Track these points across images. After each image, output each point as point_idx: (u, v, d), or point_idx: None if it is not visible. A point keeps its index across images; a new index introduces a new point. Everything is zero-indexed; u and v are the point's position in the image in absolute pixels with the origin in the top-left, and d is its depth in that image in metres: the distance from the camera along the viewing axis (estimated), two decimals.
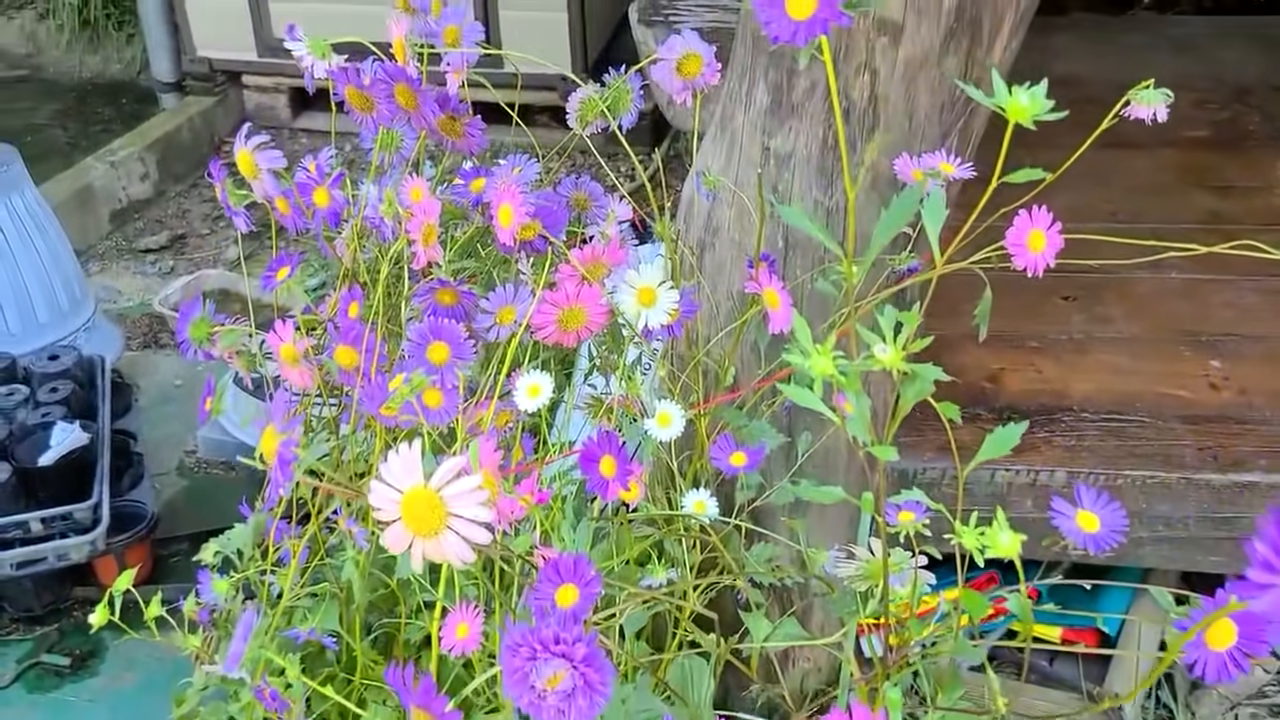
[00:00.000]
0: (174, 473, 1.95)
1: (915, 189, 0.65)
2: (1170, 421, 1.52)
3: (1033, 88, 0.58)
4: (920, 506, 0.79)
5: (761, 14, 0.58)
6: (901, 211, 0.65)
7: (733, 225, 1.29)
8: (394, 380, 0.77)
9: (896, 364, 0.67)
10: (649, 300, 1.00)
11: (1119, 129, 2.12)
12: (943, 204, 0.67)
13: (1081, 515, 0.71)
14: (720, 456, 0.95)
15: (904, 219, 0.65)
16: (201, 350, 1.12)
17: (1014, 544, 0.63)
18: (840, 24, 0.57)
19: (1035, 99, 0.57)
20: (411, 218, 0.96)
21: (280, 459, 0.66)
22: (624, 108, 1.09)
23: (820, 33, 0.57)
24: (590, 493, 0.84)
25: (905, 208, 0.65)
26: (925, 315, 0.76)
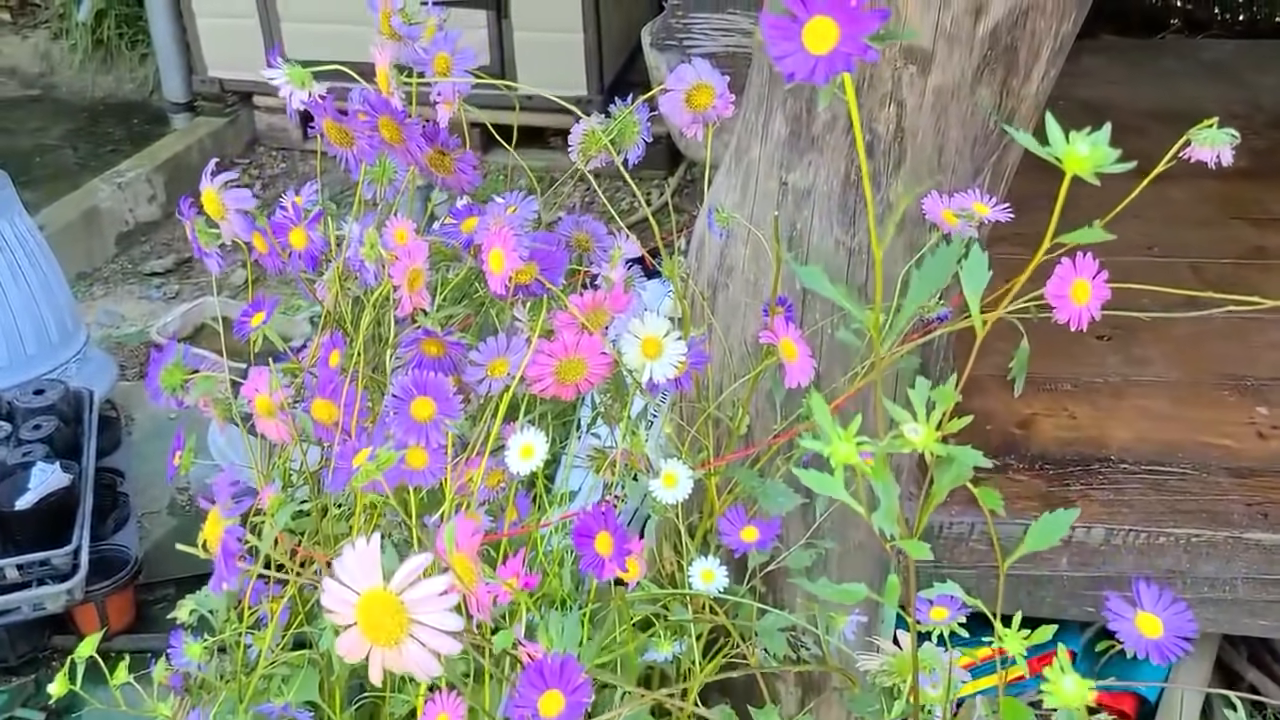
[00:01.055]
0: (164, 511, 1.87)
1: (954, 246, 0.56)
2: (1215, 474, 1.42)
3: (1094, 133, 0.49)
4: (955, 601, 0.70)
5: (774, 49, 0.50)
6: (938, 270, 0.56)
7: (748, 265, 1.21)
8: (358, 456, 0.69)
9: (930, 446, 0.58)
10: (654, 352, 0.92)
11: (1153, 157, 1.99)
12: (984, 264, 0.58)
13: (1142, 617, 0.62)
14: (730, 531, 0.86)
15: (941, 279, 0.57)
16: (174, 399, 1.04)
17: (1081, 692, 0.54)
18: (866, 59, 0.48)
19: (1097, 149, 0.48)
20: (396, 261, 0.88)
21: (224, 550, 0.57)
22: (630, 140, 1.00)
23: (843, 69, 0.48)
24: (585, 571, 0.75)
25: (942, 267, 0.56)
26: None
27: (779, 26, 0.50)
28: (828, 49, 0.49)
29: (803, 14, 0.49)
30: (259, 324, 0.94)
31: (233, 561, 0.58)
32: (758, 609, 1.06)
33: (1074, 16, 1.07)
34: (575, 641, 0.72)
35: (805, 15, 0.49)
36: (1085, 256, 0.92)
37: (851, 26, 0.48)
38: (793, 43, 0.49)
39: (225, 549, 0.58)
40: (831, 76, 0.48)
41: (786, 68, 0.49)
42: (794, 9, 0.49)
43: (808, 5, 0.49)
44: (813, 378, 0.99)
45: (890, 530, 0.59)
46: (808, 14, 0.49)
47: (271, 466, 1.10)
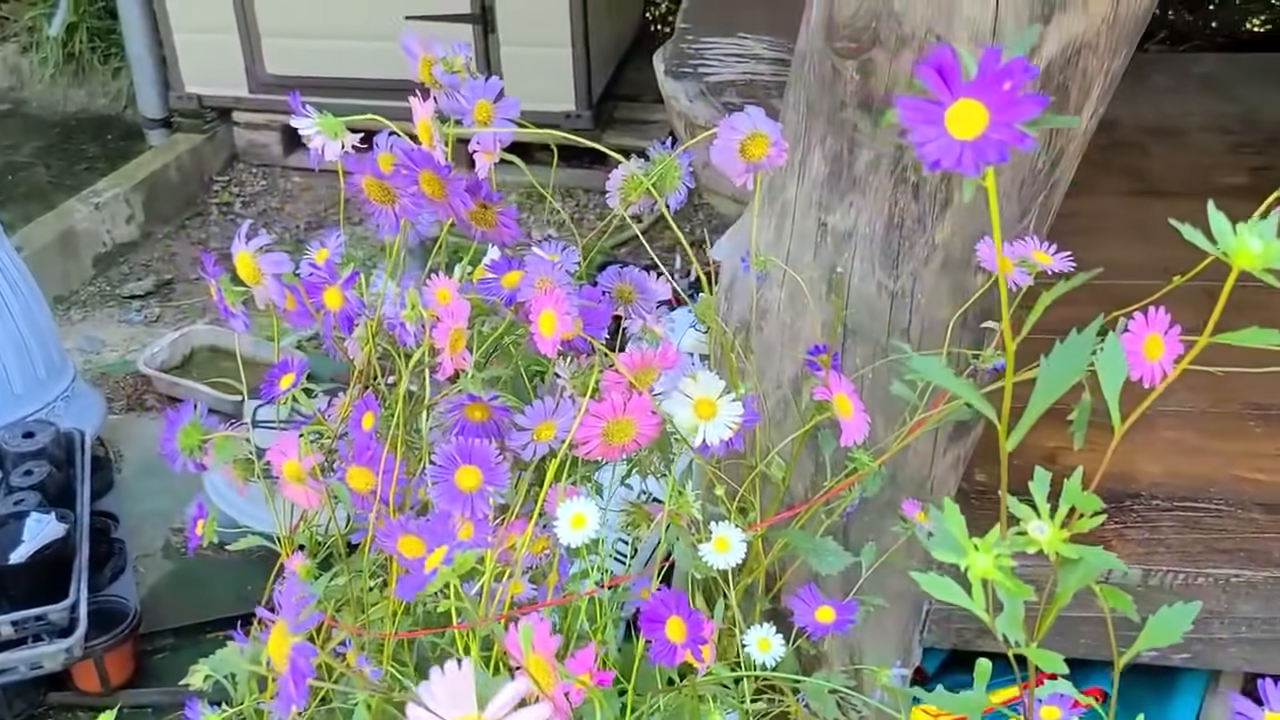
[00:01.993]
0: (159, 554, 1.81)
1: (1088, 334, 0.53)
2: (1250, 510, 1.39)
3: (1263, 225, 0.45)
4: (1067, 700, 0.66)
5: (915, 134, 0.45)
6: (1072, 361, 0.52)
7: (784, 307, 1.17)
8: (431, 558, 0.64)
9: (1057, 547, 0.54)
10: (709, 413, 0.88)
11: (1154, 176, 2.00)
12: (1123, 357, 0.54)
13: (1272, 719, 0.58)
14: (804, 612, 0.82)
15: (1076, 370, 0.53)
16: (192, 462, 0.99)
17: None
18: (1022, 148, 0.44)
19: (1270, 244, 0.44)
20: (437, 322, 0.84)
21: (294, 671, 0.52)
22: (672, 186, 0.96)
23: (995, 160, 0.44)
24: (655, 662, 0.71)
25: (1077, 356, 0.52)
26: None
27: (918, 109, 0.45)
28: (975, 135, 0.44)
29: (946, 96, 0.45)
30: (288, 387, 0.89)
31: (303, 684, 0.53)
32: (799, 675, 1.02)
33: (1124, 54, 1.04)
34: None
35: (949, 98, 0.45)
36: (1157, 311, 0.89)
37: (1003, 112, 0.44)
38: (935, 127, 0.45)
39: (295, 669, 0.53)
40: (983, 166, 0.44)
41: (929, 154, 0.45)
42: (936, 89, 0.45)
43: (951, 86, 0.45)
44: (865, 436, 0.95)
45: (1016, 637, 0.55)
46: (952, 96, 0.45)
47: (294, 527, 1.05)
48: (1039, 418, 0.56)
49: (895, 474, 1.18)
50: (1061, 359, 0.52)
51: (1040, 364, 0.56)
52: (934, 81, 0.45)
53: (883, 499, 1.21)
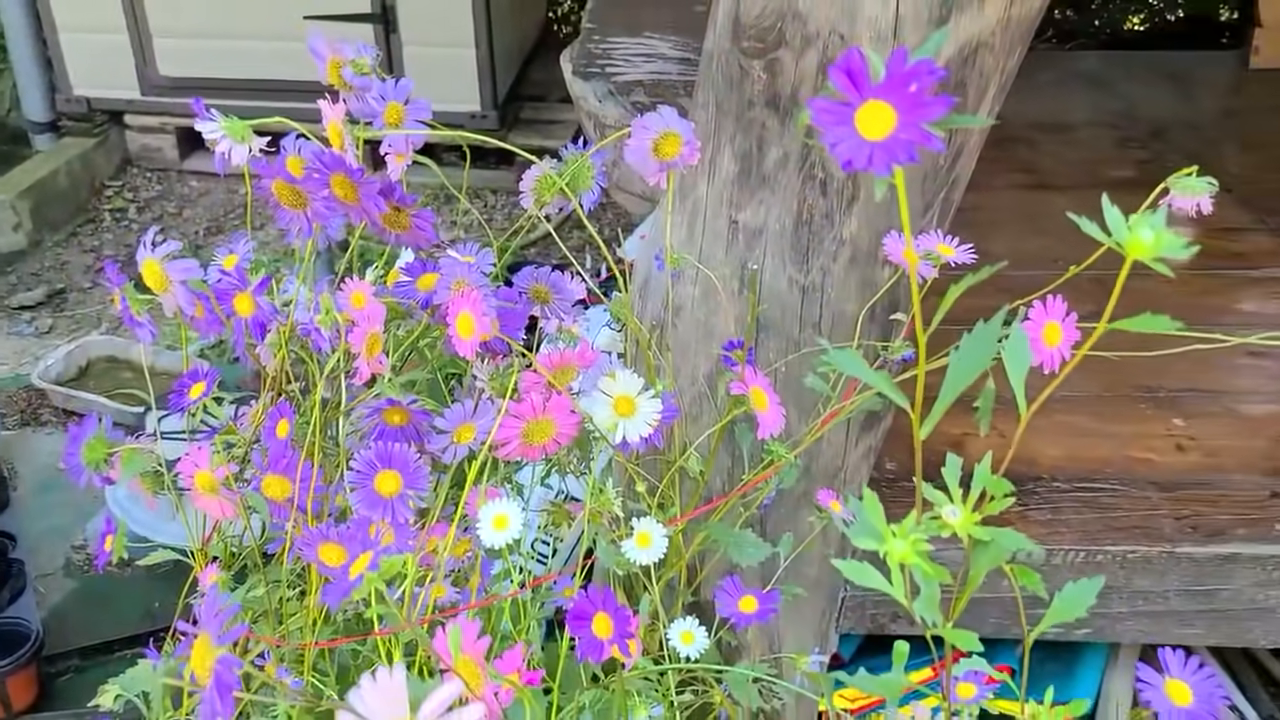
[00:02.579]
0: (60, 572, 1.74)
1: (993, 324, 0.55)
2: (1144, 489, 1.46)
3: (1153, 216, 0.48)
4: (981, 676, 0.69)
5: (826, 135, 0.47)
6: (979, 352, 0.54)
7: (697, 304, 1.18)
8: (357, 564, 0.63)
9: (969, 530, 0.57)
10: (628, 410, 0.89)
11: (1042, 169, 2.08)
12: (1027, 345, 0.57)
13: (1171, 685, 0.61)
14: (728, 603, 0.84)
15: (983, 361, 0.55)
16: (98, 476, 0.96)
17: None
18: (930, 148, 0.46)
19: (1161, 235, 0.47)
20: (352, 326, 0.83)
21: (219, 684, 0.52)
22: (585, 185, 0.97)
23: (904, 159, 0.46)
24: (581, 659, 0.71)
25: (983, 347, 0.54)
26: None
27: (830, 111, 0.47)
28: (884, 136, 0.46)
29: (855, 98, 0.46)
30: (198, 396, 0.87)
31: (229, 697, 0.52)
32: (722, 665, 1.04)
33: (1019, 52, 1.08)
34: None
35: (858, 99, 0.46)
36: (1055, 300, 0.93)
37: (911, 113, 0.46)
38: (846, 128, 0.46)
39: (220, 682, 0.52)
40: (894, 166, 0.45)
41: (841, 155, 0.46)
42: (846, 92, 0.47)
43: (860, 88, 0.46)
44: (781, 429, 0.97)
45: (933, 619, 0.57)
46: (860, 98, 0.46)
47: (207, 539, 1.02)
48: (970, 414, 0.58)
49: (810, 465, 1.21)
50: (971, 348, 0.54)
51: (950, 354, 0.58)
52: (843, 83, 0.47)
53: (798, 490, 1.24)
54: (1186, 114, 2.79)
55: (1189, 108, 2.84)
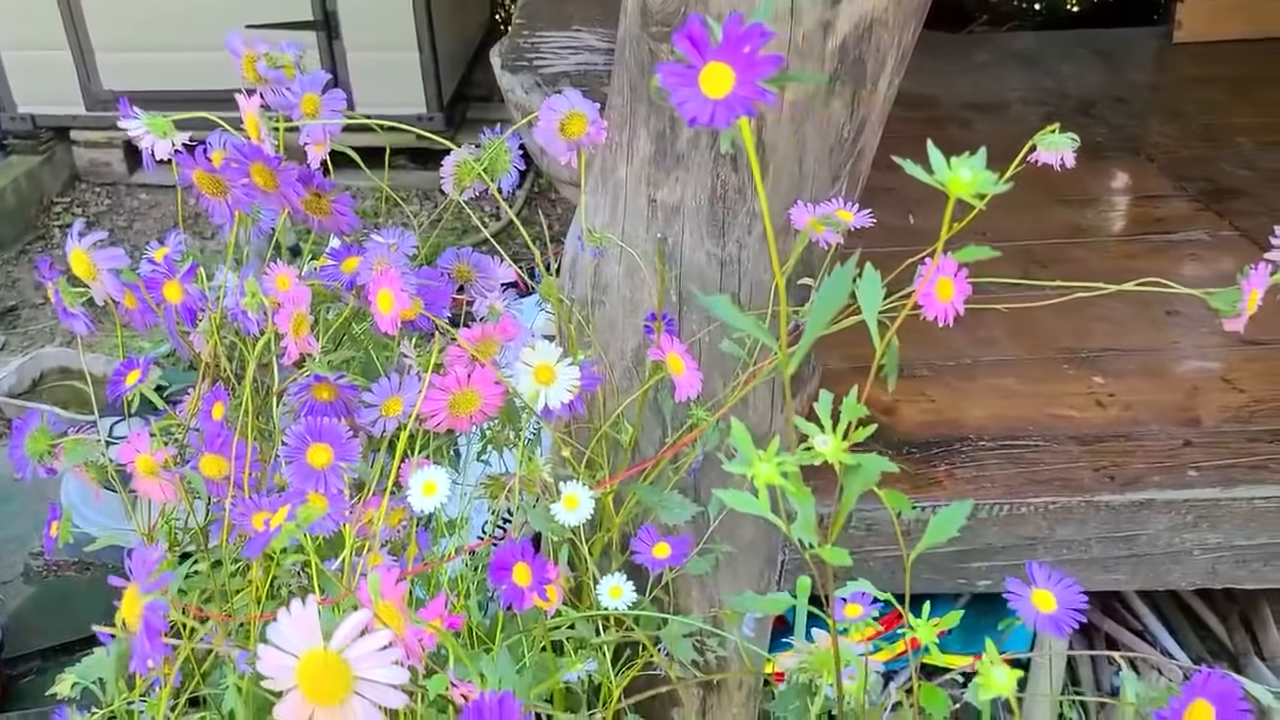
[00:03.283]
0: (19, 579, 1.77)
1: (848, 266, 0.60)
2: (1065, 444, 1.52)
3: (973, 158, 0.53)
4: (867, 597, 0.74)
5: (674, 96, 0.52)
6: (836, 291, 0.60)
7: (622, 282, 1.23)
8: (277, 515, 0.68)
9: (839, 456, 0.62)
10: (548, 378, 0.93)
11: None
12: (879, 285, 0.62)
13: (1037, 594, 0.67)
14: (643, 550, 0.89)
15: (840, 298, 0.60)
16: (43, 467, 0.99)
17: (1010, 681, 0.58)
18: (765, 102, 0.51)
19: (978, 174, 0.52)
20: (279, 308, 0.87)
21: (148, 628, 0.56)
22: (503, 169, 1.01)
23: (742, 114, 0.51)
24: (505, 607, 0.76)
25: (839, 287, 0.59)
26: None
27: (676, 73, 0.52)
28: (724, 94, 0.51)
29: (698, 61, 0.52)
30: (134, 383, 0.91)
31: (157, 639, 0.56)
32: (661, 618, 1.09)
33: (913, 27, 1.13)
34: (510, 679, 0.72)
35: (700, 62, 0.51)
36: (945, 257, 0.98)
37: (746, 72, 0.51)
38: (691, 89, 0.51)
39: (149, 626, 0.56)
40: (732, 120, 0.51)
41: (687, 113, 0.51)
42: (689, 56, 0.52)
43: (702, 52, 0.52)
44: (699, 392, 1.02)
45: (809, 540, 0.63)
46: (703, 60, 0.51)
47: (153, 525, 1.06)
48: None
49: None
50: (829, 289, 0.59)
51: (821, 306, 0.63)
52: (687, 48, 0.52)
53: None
54: (1113, 88, 2.87)
55: (1116, 82, 2.92)
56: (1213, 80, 2.87)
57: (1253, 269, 0.85)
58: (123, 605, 0.58)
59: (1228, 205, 2.19)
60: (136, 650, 0.56)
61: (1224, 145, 2.46)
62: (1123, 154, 2.48)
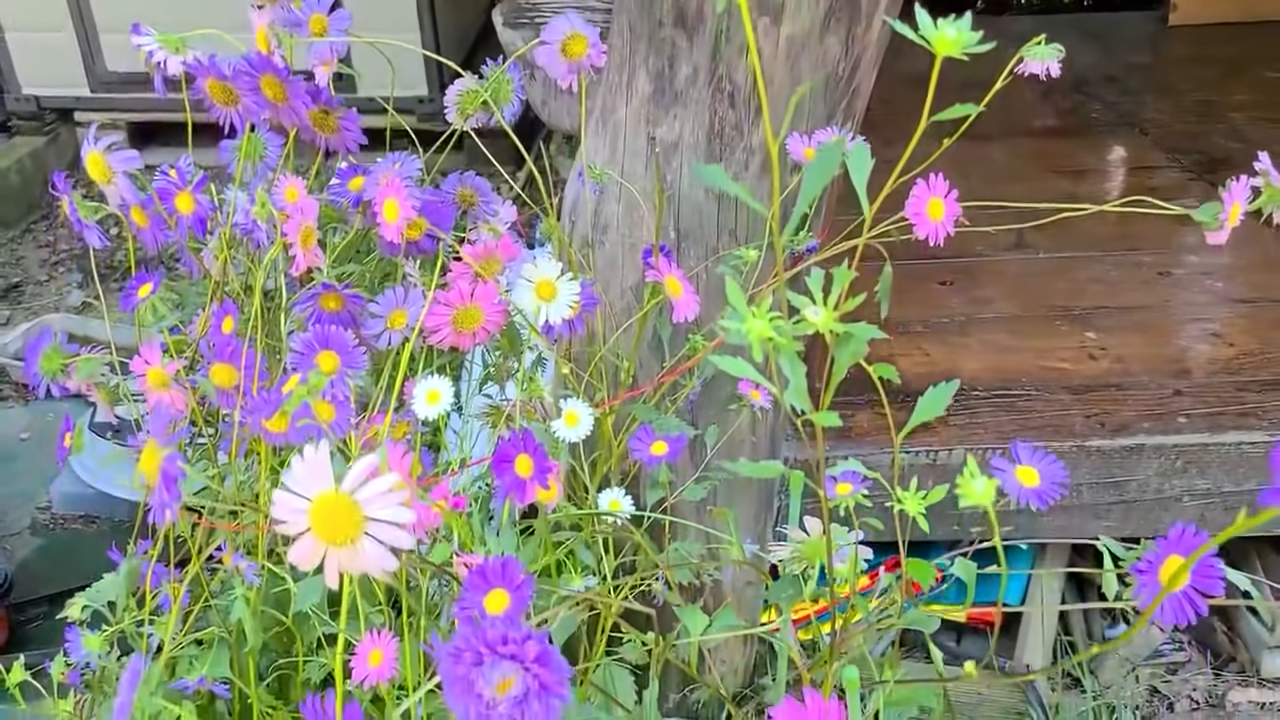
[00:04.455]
0: (26, 532, 1.79)
1: (837, 141, 0.62)
2: (1057, 393, 1.55)
3: (958, 20, 0.56)
4: (857, 476, 0.76)
5: None
6: (826, 164, 0.62)
7: (622, 220, 1.26)
8: (289, 382, 0.70)
9: (830, 325, 0.64)
10: (549, 294, 0.96)
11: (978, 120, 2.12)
12: (868, 155, 0.65)
13: (1021, 471, 0.69)
14: (640, 448, 0.91)
15: (829, 171, 0.63)
16: (55, 385, 1.02)
17: (989, 491, 0.60)
18: None
19: (962, 32, 0.55)
20: (287, 219, 0.89)
21: (165, 477, 0.58)
22: (505, 99, 1.04)
23: None
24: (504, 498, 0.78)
25: (829, 160, 0.62)
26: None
27: None
28: None
29: None
30: (146, 295, 0.93)
31: (174, 487, 0.59)
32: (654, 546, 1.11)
33: None
34: (512, 548, 0.75)
35: None
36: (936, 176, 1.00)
37: None
38: None
39: (166, 475, 0.58)
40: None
41: None
42: None
43: None
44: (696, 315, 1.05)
45: (801, 405, 0.65)
46: None
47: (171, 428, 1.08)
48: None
49: None
50: (819, 162, 0.62)
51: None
52: None
53: (724, 395, 1.32)
54: (1108, 68, 2.90)
55: (1110, 62, 2.95)
56: (1206, 60, 2.90)
57: (1234, 181, 0.88)
58: (140, 461, 0.60)
59: (1220, 176, 2.22)
60: (155, 501, 0.59)
61: (1217, 121, 2.49)
62: (1117, 128, 2.51)
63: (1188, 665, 1.64)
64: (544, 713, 0.49)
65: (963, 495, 0.60)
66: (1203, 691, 1.60)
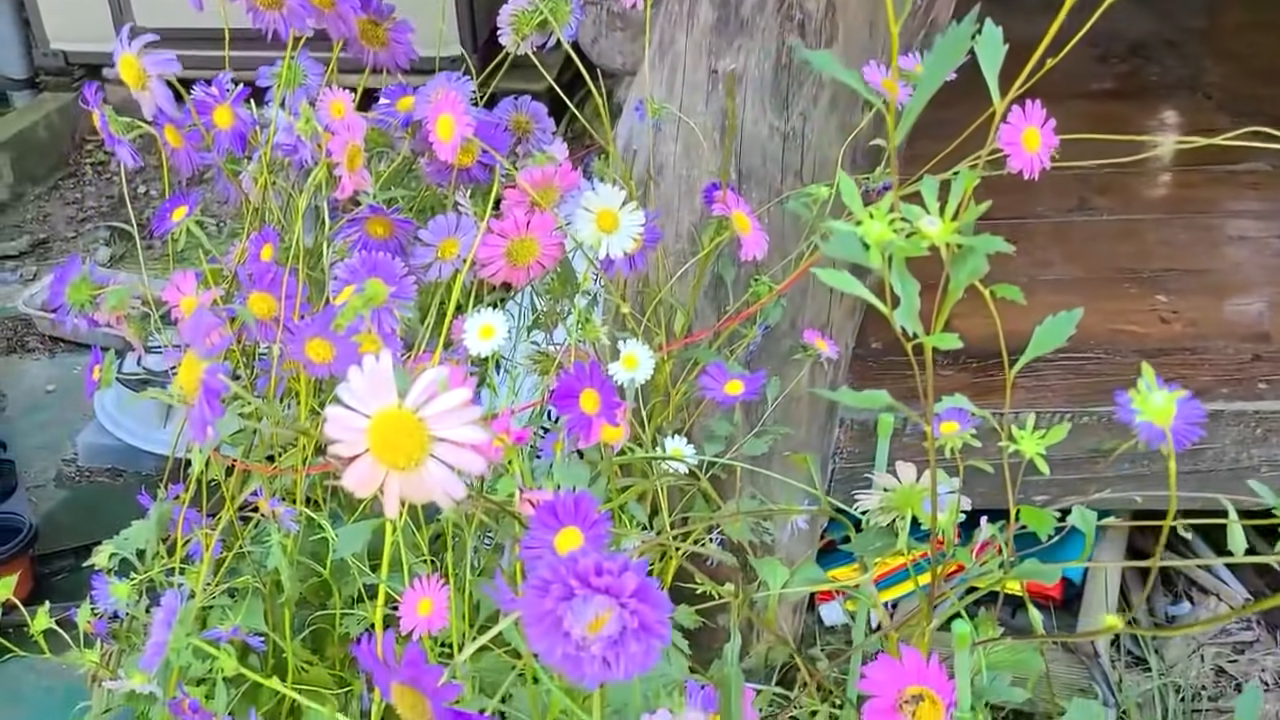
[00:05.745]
0: (52, 484, 1.74)
1: (965, 24, 0.55)
2: (1128, 356, 1.47)
3: None
4: (964, 414, 0.70)
5: None
6: (953, 49, 0.55)
7: (679, 160, 1.19)
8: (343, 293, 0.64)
9: (948, 238, 0.57)
10: (611, 225, 0.89)
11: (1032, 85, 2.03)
12: (1000, 40, 0.57)
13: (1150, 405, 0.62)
14: (713, 386, 0.84)
15: (957, 55, 0.55)
16: (84, 317, 0.96)
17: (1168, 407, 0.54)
18: None
19: None
20: (333, 138, 0.83)
21: (206, 391, 0.52)
22: (563, 19, 0.97)
23: None
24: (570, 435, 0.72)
25: (958, 44, 0.55)
26: None
27: None
28: None
29: None
30: (181, 218, 0.87)
31: (216, 402, 0.52)
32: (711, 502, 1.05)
33: None
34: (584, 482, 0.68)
35: None
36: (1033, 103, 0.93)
37: None
38: None
39: (208, 389, 0.52)
40: None
41: None
42: None
43: None
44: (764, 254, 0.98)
45: (912, 328, 0.58)
46: None
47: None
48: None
49: (795, 319, 1.22)
50: (942, 50, 0.54)
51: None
52: None
53: (784, 348, 1.25)
54: (1166, 32, 2.80)
55: (1168, 26, 2.84)
56: (1266, 26, 2.79)
57: None
58: (179, 375, 0.54)
59: None
60: (195, 418, 0.53)
61: None
62: (1179, 92, 2.41)
63: (1255, 645, 1.57)
64: (642, 655, 0.42)
65: (1139, 410, 0.53)
66: (1272, 672, 1.52)
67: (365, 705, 0.95)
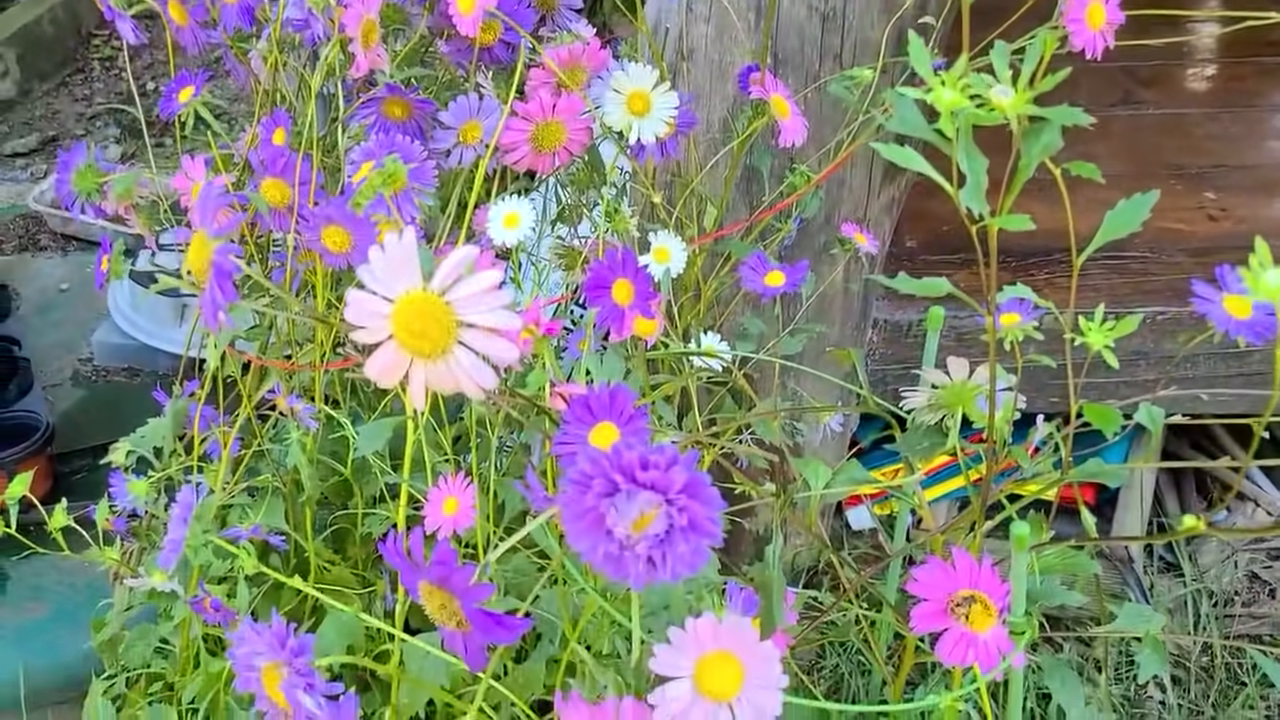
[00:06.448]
0: (68, 383, 1.73)
1: None
2: (1174, 255, 1.41)
3: None
4: (1026, 305, 0.65)
5: None
6: None
7: (711, 43, 1.12)
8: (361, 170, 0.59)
9: (1022, 109, 0.52)
10: (642, 108, 0.83)
11: None
12: None
13: (1230, 300, 0.57)
14: (753, 277, 0.80)
15: None
16: (90, 206, 0.92)
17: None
18: None
19: None
20: (346, 10, 0.77)
21: (218, 272, 0.48)
22: None
23: None
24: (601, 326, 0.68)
25: None
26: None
27: None
28: None
29: None
30: (189, 99, 0.82)
31: (229, 284, 0.48)
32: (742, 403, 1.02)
33: None
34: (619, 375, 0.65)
35: None
36: None
37: None
38: None
39: (219, 270, 0.48)
40: None
41: None
42: None
43: None
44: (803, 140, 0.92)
45: (979, 208, 0.54)
46: None
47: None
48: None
49: (832, 214, 1.16)
50: None
51: None
52: None
53: (819, 243, 1.20)
54: None
55: None
56: None
57: None
58: (188, 255, 0.50)
59: None
60: (207, 302, 0.49)
61: None
62: None
63: None
64: (690, 555, 0.39)
65: (1253, 290, 0.49)
66: None
67: (389, 605, 0.93)
